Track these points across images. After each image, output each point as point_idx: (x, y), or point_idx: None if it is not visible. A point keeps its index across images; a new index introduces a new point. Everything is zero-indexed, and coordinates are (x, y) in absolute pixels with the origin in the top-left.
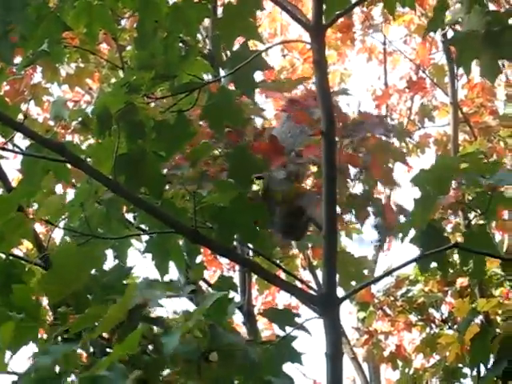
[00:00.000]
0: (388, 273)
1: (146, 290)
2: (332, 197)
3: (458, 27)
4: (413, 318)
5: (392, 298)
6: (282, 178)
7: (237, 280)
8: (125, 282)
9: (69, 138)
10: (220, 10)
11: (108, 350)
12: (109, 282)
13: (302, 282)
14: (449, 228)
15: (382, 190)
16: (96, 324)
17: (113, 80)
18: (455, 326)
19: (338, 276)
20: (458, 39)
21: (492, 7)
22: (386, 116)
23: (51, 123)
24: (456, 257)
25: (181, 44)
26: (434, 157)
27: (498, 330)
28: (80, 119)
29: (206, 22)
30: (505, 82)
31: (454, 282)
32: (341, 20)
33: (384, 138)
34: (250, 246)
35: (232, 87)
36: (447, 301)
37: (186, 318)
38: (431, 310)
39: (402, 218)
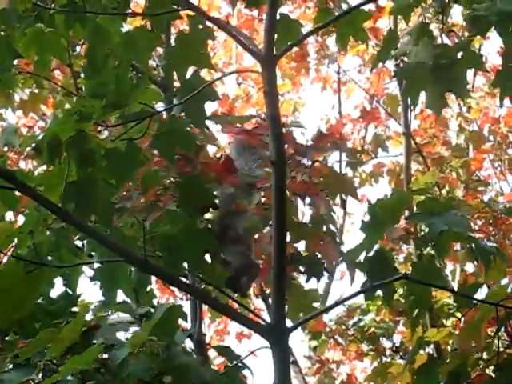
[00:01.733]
0: (337, 303)
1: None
2: (281, 226)
3: (406, 59)
4: (364, 347)
5: (344, 327)
6: (229, 193)
7: (188, 308)
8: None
9: (22, 164)
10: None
11: None
12: (56, 309)
13: (251, 311)
14: (401, 258)
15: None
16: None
17: (67, 106)
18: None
19: (286, 307)
20: (407, 71)
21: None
22: (342, 139)
23: (5, 149)
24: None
25: (133, 72)
26: (387, 187)
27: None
28: (33, 145)
29: (160, 50)
30: (457, 113)
31: (406, 312)
32: (295, 49)
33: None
34: (200, 275)
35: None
36: (399, 330)
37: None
38: (383, 340)
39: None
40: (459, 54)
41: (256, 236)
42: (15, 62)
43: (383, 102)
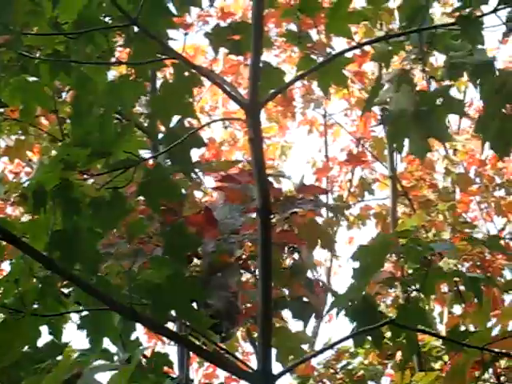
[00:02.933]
0: (326, 348)
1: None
2: (267, 273)
3: (388, 106)
4: None
5: (332, 371)
6: (210, 251)
7: (175, 354)
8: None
9: (9, 210)
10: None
11: None
12: (42, 358)
13: (236, 358)
14: (389, 301)
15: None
16: None
17: (53, 152)
18: None
19: (275, 351)
20: (389, 117)
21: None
22: (326, 191)
23: None
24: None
25: (120, 120)
26: (373, 230)
27: None
28: (20, 192)
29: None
30: (443, 155)
31: (394, 355)
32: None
33: (317, 216)
34: (187, 323)
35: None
36: (387, 373)
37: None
38: (371, 383)
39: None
40: (439, 100)
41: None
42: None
43: (369, 145)
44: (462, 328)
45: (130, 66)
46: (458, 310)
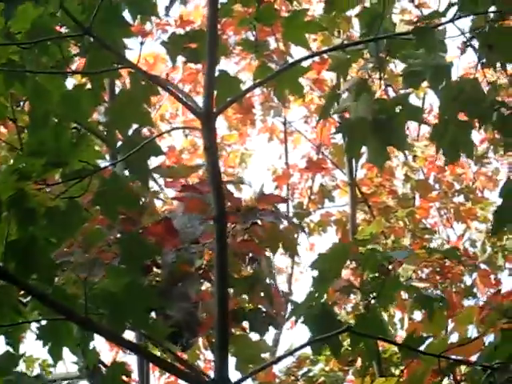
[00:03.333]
0: (284, 355)
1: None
2: (223, 282)
3: (347, 114)
4: None
5: (293, 378)
6: (170, 261)
7: (135, 362)
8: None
9: None
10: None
11: None
12: None
13: (193, 368)
14: (349, 307)
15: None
16: None
17: (11, 161)
18: None
19: (235, 359)
20: (347, 126)
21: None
22: (286, 199)
23: None
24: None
25: (76, 129)
26: (334, 237)
27: None
28: None
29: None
30: (403, 162)
31: (355, 362)
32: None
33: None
34: (143, 332)
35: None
36: (348, 379)
37: None
38: None
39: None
40: (398, 108)
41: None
42: None
43: (329, 152)
44: (419, 335)
45: (84, 75)
46: (418, 315)
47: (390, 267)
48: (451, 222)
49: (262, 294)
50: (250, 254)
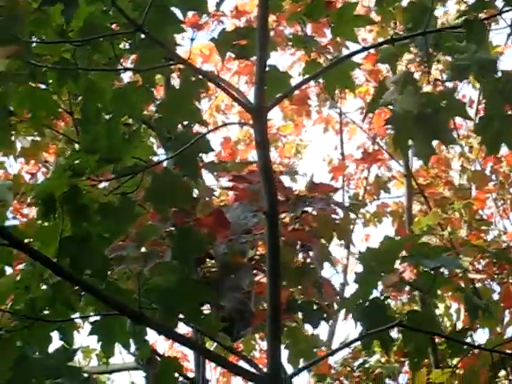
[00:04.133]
0: (338, 348)
1: None
2: (276, 274)
3: (392, 107)
4: None
5: (349, 369)
6: (222, 253)
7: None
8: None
9: (26, 211)
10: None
11: None
12: (52, 364)
13: (248, 361)
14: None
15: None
16: None
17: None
18: None
19: (287, 352)
20: (394, 119)
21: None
22: (337, 189)
23: None
24: None
25: (127, 125)
26: (390, 228)
27: None
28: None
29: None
30: (459, 153)
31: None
32: (296, 92)
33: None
34: (197, 326)
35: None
36: (405, 370)
37: None
38: (388, 381)
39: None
40: (443, 103)
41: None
42: None
43: (385, 143)
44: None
45: (136, 72)
46: None
47: None
48: (508, 213)
49: (313, 284)
50: (302, 244)
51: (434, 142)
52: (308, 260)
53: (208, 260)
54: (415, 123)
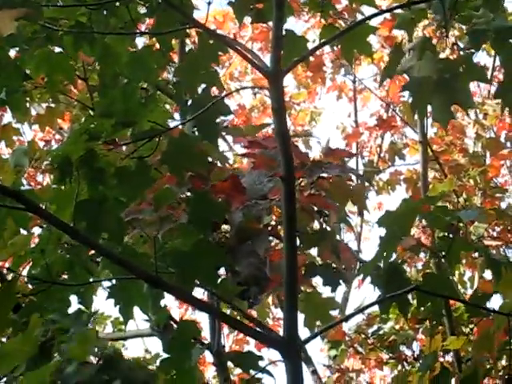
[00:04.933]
0: (353, 314)
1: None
2: (292, 239)
3: (411, 73)
4: (384, 355)
5: (363, 336)
6: (238, 219)
7: (206, 320)
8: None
9: (40, 177)
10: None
11: None
12: (70, 326)
13: (264, 326)
14: (419, 266)
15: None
16: None
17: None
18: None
19: (303, 316)
20: (412, 85)
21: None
22: (353, 154)
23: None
24: None
25: (144, 90)
26: (405, 195)
27: None
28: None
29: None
30: (474, 120)
31: (426, 320)
32: (312, 59)
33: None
34: (213, 290)
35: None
36: (419, 338)
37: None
38: (402, 348)
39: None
40: (462, 67)
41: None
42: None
43: (399, 110)
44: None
45: (152, 36)
46: (488, 274)
47: (462, 225)
48: None
49: (331, 249)
50: (318, 209)
51: (453, 107)
52: (324, 225)
53: (224, 226)
54: (434, 88)
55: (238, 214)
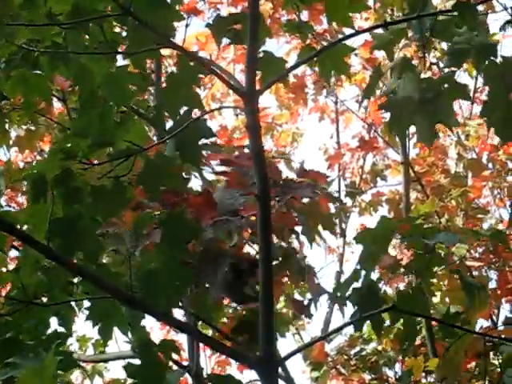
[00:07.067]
0: (329, 333)
1: None
2: (267, 258)
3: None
4: (367, 376)
5: (346, 357)
6: (210, 237)
7: (186, 341)
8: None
9: (21, 199)
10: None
11: None
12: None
13: (236, 342)
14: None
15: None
16: None
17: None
18: None
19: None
20: (390, 104)
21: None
22: (327, 178)
23: None
24: None
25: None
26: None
27: None
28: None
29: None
30: (455, 141)
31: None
32: (293, 80)
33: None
34: (190, 310)
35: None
36: (401, 359)
37: None
38: (385, 369)
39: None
40: (444, 87)
41: None
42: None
43: (381, 131)
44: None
45: (125, 56)
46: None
47: (443, 246)
48: (504, 202)
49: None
50: (288, 228)
51: (439, 127)
52: (294, 244)
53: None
54: (416, 108)
55: (209, 231)
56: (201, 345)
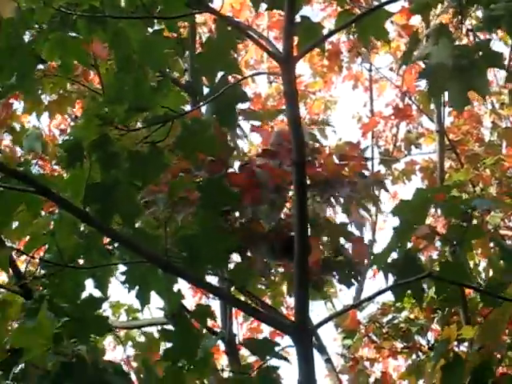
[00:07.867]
0: (364, 300)
1: None
2: (303, 225)
3: (427, 60)
4: (399, 345)
5: (378, 325)
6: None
7: (218, 308)
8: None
9: (56, 166)
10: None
11: None
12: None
13: (274, 310)
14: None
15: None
16: None
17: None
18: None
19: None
20: (428, 72)
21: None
22: (371, 145)
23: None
24: None
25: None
26: (420, 185)
27: None
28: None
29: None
30: (490, 109)
31: (440, 309)
32: (328, 47)
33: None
34: (225, 276)
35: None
36: (433, 328)
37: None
38: (417, 337)
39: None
40: (478, 54)
41: None
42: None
43: (415, 99)
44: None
45: (159, 20)
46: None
47: (477, 215)
48: None
49: (343, 241)
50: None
51: (470, 95)
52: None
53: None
54: (450, 75)
55: (249, 210)
56: (233, 312)
